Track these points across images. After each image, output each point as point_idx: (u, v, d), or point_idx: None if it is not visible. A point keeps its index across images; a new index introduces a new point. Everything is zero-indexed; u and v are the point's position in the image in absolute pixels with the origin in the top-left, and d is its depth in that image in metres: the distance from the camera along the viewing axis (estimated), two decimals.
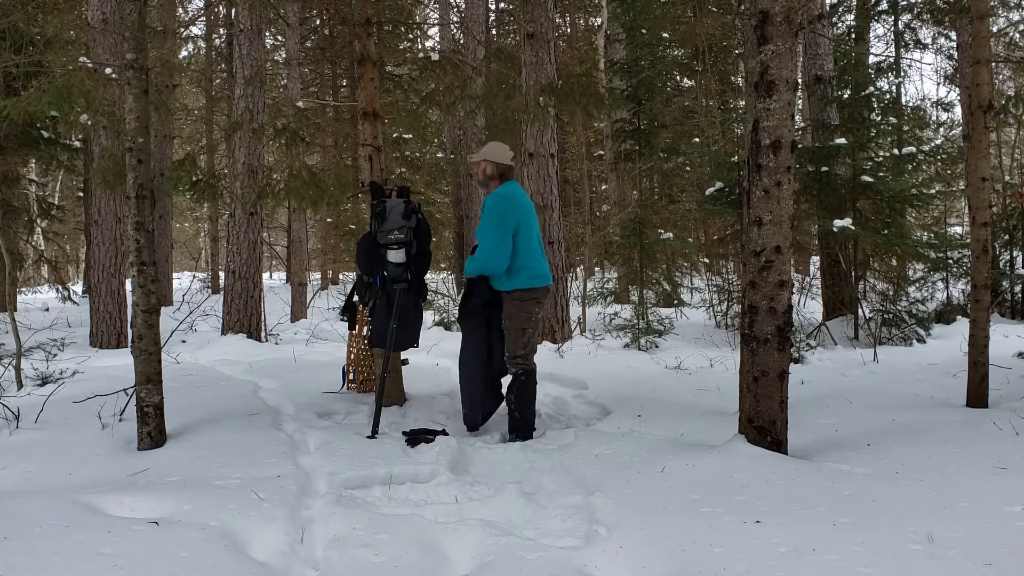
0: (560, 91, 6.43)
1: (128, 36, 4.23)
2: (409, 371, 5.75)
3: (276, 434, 4.56)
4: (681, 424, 4.83)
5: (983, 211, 5.15)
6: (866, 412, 4.90)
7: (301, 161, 7.49)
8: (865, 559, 2.60)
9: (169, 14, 14.79)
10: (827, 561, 2.61)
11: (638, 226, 10.47)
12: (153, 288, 4.25)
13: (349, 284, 17.34)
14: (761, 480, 3.48)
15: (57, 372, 6.43)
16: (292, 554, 2.93)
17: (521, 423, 4.76)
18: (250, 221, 9.50)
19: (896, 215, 8.84)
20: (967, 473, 3.41)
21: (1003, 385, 5.50)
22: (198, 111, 19.85)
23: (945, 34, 15.19)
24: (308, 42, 15.78)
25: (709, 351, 8.06)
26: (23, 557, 2.54)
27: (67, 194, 22.40)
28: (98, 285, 9.50)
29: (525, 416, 4.78)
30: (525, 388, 4.78)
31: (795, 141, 4.08)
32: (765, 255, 3.98)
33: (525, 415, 4.79)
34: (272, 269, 31.30)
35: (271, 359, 7.74)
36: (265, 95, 10.04)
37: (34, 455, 4.07)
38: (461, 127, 15.25)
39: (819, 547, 2.71)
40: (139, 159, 4.19)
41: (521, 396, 4.78)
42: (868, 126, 8.87)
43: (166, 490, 3.35)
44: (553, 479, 3.82)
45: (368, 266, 5.07)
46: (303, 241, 15.14)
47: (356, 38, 5.50)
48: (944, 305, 10.02)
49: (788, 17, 3.91)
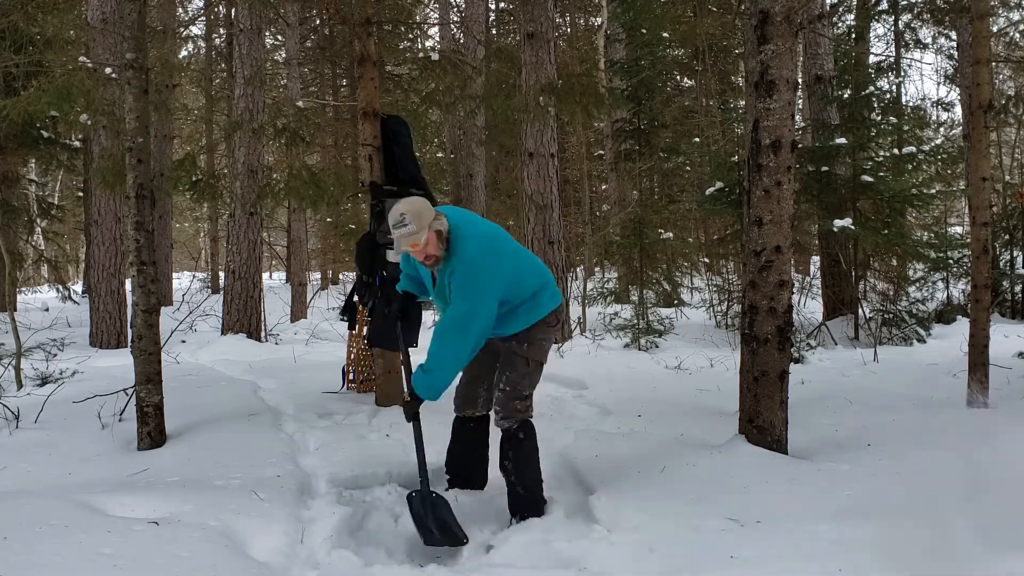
0: (560, 91, 6.43)
1: (128, 36, 4.23)
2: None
3: (276, 434, 4.56)
4: (681, 424, 4.82)
5: (983, 211, 5.15)
6: (866, 412, 4.90)
7: (301, 161, 7.49)
8: (865, 558, 2.59)
9: (169, 14, 14.78)
10: (827, 562, 2.61)
11: (638, 226, 10.46)
12: (153, 288, 4.25)
13: (349, 284, 17.32)
14: (761, 480, 3.48)
15: (57, 372, 6.43)
16: (292, 554, 2.93)
17: (527, 500, 3.39)
18: (250, 221, 9.50)
19: (896, 215, 8.85)
20: (967, 473, 3.40)
21: (1003, 385, 5.50)
22: (198, 111, 19.83)
23: (945, 34, 15.18)
24: (308, 42, 15.76)
25: (709, 351, 8.05)
26: (23, 557, 2.54)
27: (67, 194, 22.38)
28: (98, 285, 9.50)
29: (533, 488, 3.42)
30: (525, 447, 3.41)
31: (795, 141, 4.08)
32: (765, 255, 3.98)
33: (533, 487, 3.42)
34: (272, 269, 31.28)
35: (271, 359, 7.74)
36: (265, 95, 10.04)
37: (34, 455, 4.07)
38: (461, 127, 15.24)
39: (819, 547, 2.70)
40: (139, 159, 4.18)
41: (521, 459, 3.39)
42: (868, 126, 8.86)
43: (166, 490, 3.34)
44: (553, 478, 3.82)
45: (368, 266, 5.06)
46: (303, 241, 15.13)
47: (356, 38, 5.50)
48: (944, 305, 10.02)
49: (788, 17, 3.91)
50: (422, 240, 3.15)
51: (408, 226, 3.14)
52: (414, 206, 3.20)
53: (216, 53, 18.15)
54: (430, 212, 3.20)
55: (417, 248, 3.17)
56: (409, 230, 3.14)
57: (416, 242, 3.15)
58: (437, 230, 3.18)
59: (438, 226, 3.18)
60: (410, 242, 3.16)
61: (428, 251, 3.19)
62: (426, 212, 3.18)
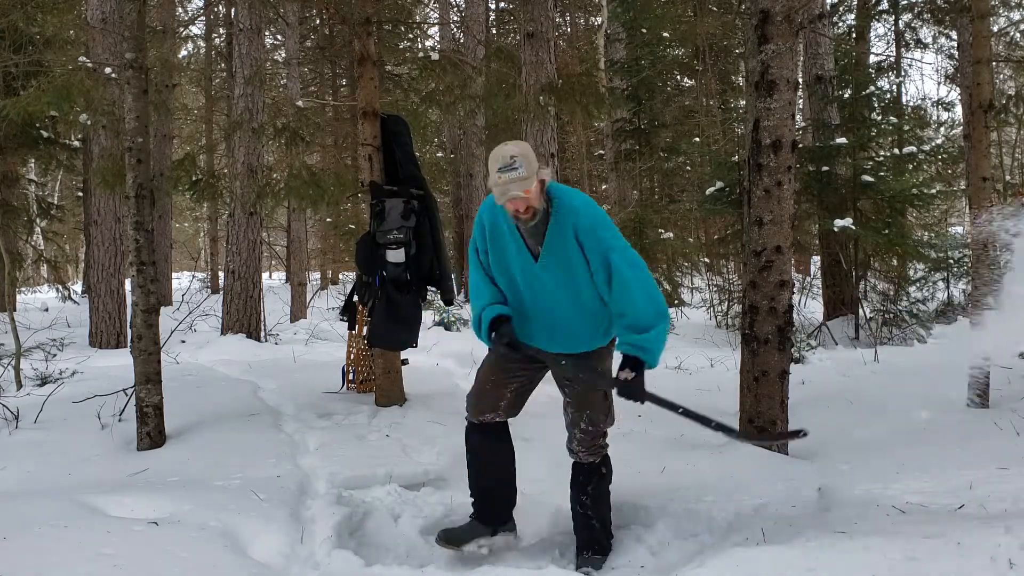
0: (560, 90, 6.42)
1: (127, 36, 4.23)
2: (409, 371, 5.74)
3: (276, 434, 4.55)
4: (681, 424, 4.78)
5: (984, 211, 5.14)
6: (867, 412, 4.89)
7: (301, 161, 7.48)
8: (867, 560, 2.59)
9: (169, 13, 14.77)
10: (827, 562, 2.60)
11: (638, 226, 10.48)
12: (152, 288, 4.25)
13: (349, 284, 17.32)
14: (761, 480, 3.47)
15: (56, 372, 6.42)
16: (292, 554, 2.92)
17: (601, 533, 3.12)
18: (249, 221, 9.49)
19: (897, 215, 8.85)
20: (968, 473, 3.40)
21: (1004, 385, 5.48)
22: (198, 111, 19.83)
23: (946, 33, 15.17)
24: (308, 41, 15.76)
25: (709, 351, 8.05)
26: (23, 557, 2.53)
27: (67, 194, 22.38)
28: (97, 285, 9.49)
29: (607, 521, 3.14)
30: (607, 480, 3.14)
31: (796, 141, 4.07)
32: (766, 255, 3.97)
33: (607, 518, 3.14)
34: (272, 269, 31.28)
35: (271, 359, 7.73)
36: (265, 94, 10.03)
37: (34, 455, 4.07)
38: (461, 127, 15.25)
39: (818, 547, 2.70)
40: (139, 159, 4.18)
41: (601, 494, 3.12)
42: (869, 126, 8.87)
43: (166, 490, 3.34)
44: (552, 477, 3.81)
45: (367, 266, 5.06)
46: (303, 241, 15.13)
47: (356, 37, 5.49)
48: (945, 305, 10.01)
49: (788, 16, 3.91)
50: (533, 187, 2.70)
51: (518, 169, 2.67)
52: (524, 148, 2.76)
53: (216, 53, 18.15)
54: (537, 158, 2.78)
55: (529, 195, 2.70)
56: (520, 174, 2.67)
57: (528, 188, 2.69)
58: (543, 180, 2.75)
59: (544, 175, 2.76)
60: (522, 187, 2.67)
61: (532, 200, 2.73)
62: (534, 156, 2.76)
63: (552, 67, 8.35)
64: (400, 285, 4.94)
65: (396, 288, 4.92)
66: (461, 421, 3.23)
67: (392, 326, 4.95)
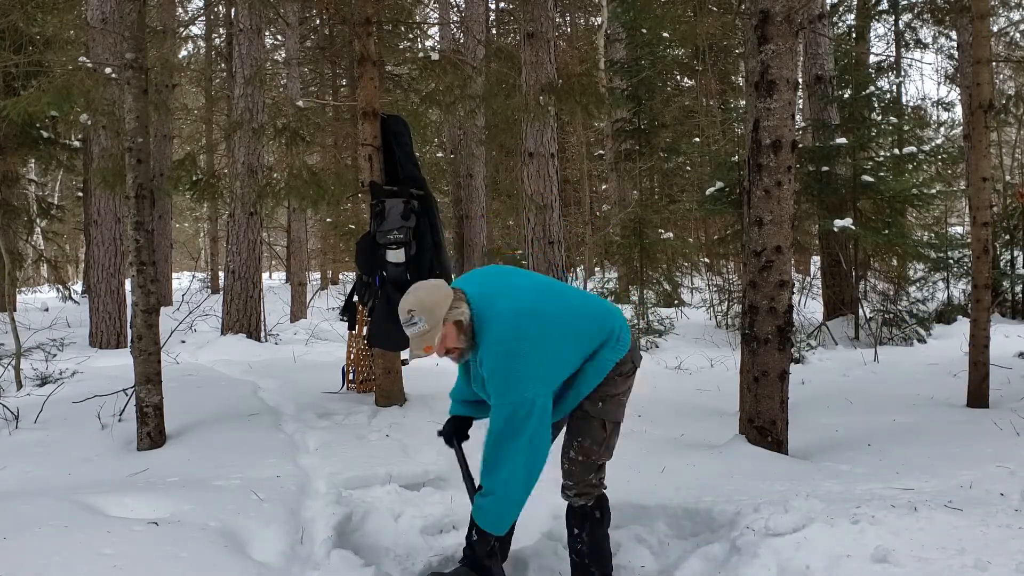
0: (560, 90, 6.43)
1: (127, 36, 4.23)
2: (409, 371, 5.75)
3: (276, 434, 4.55)
4: (681, 424, 4.82)
5: (984, 211, 5.15)
6: (867, 412, 4.90)
7: (301, 161, 7.48)
8: (866, 559, 2.59)
9: (169, 14, 14.79)
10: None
11: (638, 226, 10.47)
12: (152, 288, 4.25)
13: (349, 284, 17.32)
14: (761, 480, 3.47)
15: (56, 372, 6.43)
16: (292, 554, 2.92)
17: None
18: (250, 221, 9.49)
19: (897, 215, 8.85)
20: (968, 473, 3.40)
21: (1004, 385, 5.50)
22: (198, 111, 19.83)
23: (945, 34, 15.19)
24: (308, 42, 15.76)
25: (709, 351, 8.05)
26: (23, 557, 2.53)
27: (67, 194, 22.40)
28: (97, 285, 9.49)
29: (606, 565, 2.82)
30: (604, 525, 2.81)
31: (795, 141, 4.08)
32: (766, 255, 3.98)
33: (606, 564, 2.82)
34: (272, 269, 31.29)
35: (271, 359, 7.74)
36: (265, 95, 10.03)
37: (34, 455, 4.07)
38: (461, 127, 15.24)
39: (817, 548, 2.70)
40: (139, 159, 4.18)
41: (597, 540, 2.80)
42: (868, 126, 8.87)
43: (166, 490, 3.34)
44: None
45: (367, 266, 5.06)
46: (303, 241, 15.14)
47: (356, 38, 5.50)
48: (944, 305, 10.02)
49: (788, 17, 3.91)
50: (436, 339, 2.48)
51: (418, 324, 2.48)
52: (423, 299, 2.51)
53: (216, 53, 18.15)
54: (445, 300, 2.51)
55: (439, 346, 2.51)
56: (420, 329, 2.48)
57: (429, 344, 2.48)
58: (456, 320, 2.50)
59: (456, 316, 2.50)
60: (423, 343, 2.48)
61: (448, 345, 2.53)
62: (440, 302, 2.49)
63: (552, 67, 8.36)
64: (400, 285, 4.92)
65: (396, 288, 4.91)
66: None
67: (392, 326, 4.91)
